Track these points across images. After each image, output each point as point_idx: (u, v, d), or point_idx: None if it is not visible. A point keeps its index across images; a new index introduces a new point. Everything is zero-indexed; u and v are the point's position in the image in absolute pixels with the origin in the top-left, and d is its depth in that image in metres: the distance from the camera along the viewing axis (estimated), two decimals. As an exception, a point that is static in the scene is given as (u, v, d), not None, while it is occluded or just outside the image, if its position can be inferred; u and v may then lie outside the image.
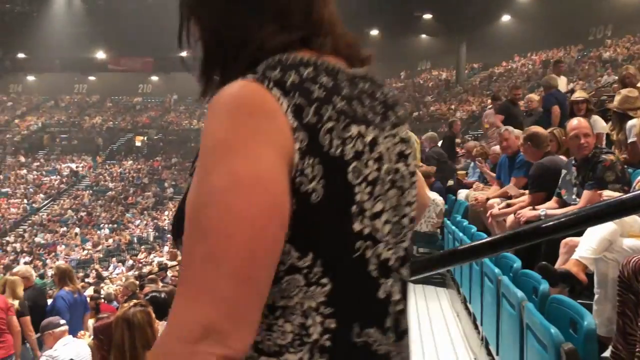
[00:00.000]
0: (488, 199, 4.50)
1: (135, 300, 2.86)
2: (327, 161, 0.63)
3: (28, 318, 4.94)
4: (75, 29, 30.09)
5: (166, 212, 23.82)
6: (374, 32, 29.87)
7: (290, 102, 0.63)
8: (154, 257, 19.41)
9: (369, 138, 0.68)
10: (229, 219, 0.57)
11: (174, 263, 10.73)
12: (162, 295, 4.09)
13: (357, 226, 0.66)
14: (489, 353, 3.29)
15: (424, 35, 31.06)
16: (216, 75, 0.76)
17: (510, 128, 4.97)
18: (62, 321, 4.34)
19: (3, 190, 26.81)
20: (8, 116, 34.78)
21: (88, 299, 8.06)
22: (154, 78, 35.56)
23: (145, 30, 28.88)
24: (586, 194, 3.16)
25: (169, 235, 21.23)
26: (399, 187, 0.73)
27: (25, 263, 19.68)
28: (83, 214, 24.37)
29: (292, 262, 0.63)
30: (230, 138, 0.60)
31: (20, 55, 33.12)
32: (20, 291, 5.28)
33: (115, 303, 7.38)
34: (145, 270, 13.27)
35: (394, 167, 0.72)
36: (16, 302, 5.08)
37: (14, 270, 5.16)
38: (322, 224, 0.64)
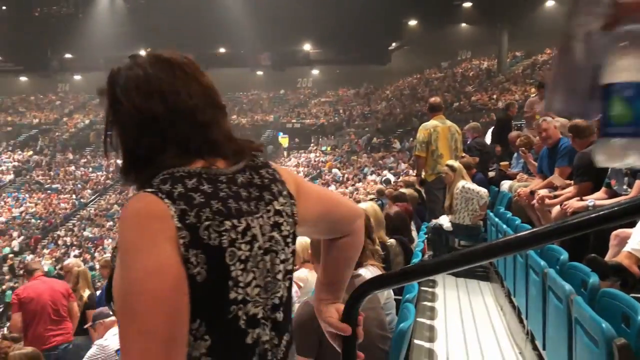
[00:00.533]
0: (532, 192, 4.37)
1: None
2: (208, 250, 0.88)
3: (92, 311, 5.14)
4: (117, 28, 30.91)
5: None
6: (413, 23, 29.49)
7: (176, 208, 0.88)
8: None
9: (241, 227, 0.94)
10: (149, 300, 0.81)
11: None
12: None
13: (232, 295, 0.92)
14: (535, 348, 3.21)
15: (464, 24, 30.44)
16: (132, 177, 0.99)
17: (549, 118, 4.79)
18: (111, 318, 4.48)
19: (54, 186, 27.89)
20: (57, 114, 36.10)
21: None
22: (193, 75, 36.21)
23: (184, 28, 29.42)
24: (638, 183, 3.03)
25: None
26: (273, 251, 0.99)
27: (75, 256, 20.49)
28: (127, 209, 25.09)
29: None
30: (138, 241, 0.86)
31: (67, 56, 34.30)
32: (90, 283, 5.54)
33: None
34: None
35: (268, 236, 0.98)
36: (86, 294, 5.27)
37: (65, 263, 5.37)
38: (205, 297, 0.88)
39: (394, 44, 30.56)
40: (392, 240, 4.08)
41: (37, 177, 28.91)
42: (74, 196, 26.75)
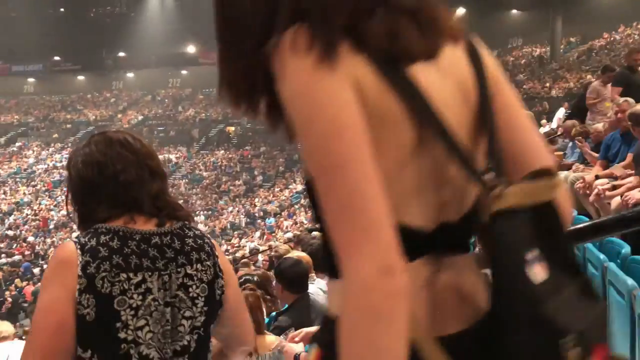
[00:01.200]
0: (597, 176, 4.13)
1: (248, 285, 3.01)
2: (98, 296, 1.12)
3: None
4: (168, 26, 31.78)
5: (256, 199, 24.64)
6: (461, 11, 28.78)
7: (82, 259, 1.13)
8: (246, 242, 20.24)
9: (136, 280, 1.15)
10: (35, 327, 1.16)
11: (265, 248, 11.14)
12: (255, 278, 4.23)
13: (122, 335, 1.13)
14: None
15: (514, 11, 29.47)
16: (80, 228, 1.27)
17: (631, 100, 4.53)
18: None
19: (109, 180, 29.04)
20: (112, 111, 37.49)
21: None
22: (242, 69, 36.72)
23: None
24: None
25: (259, 221, 21.99)
26: (175, 306, 1.20)
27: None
28: (181, 201, 25.71)
29: (79, 355, 1.14)
30: (46, 279, 1.20)
31: (121, 54, 35.51)
32: None
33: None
34: (239, 254, 13.85)
35: (173, 293, 1.19)
36: None
37: None
38: (95, 333, 1.13)
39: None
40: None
41: (95, 172, 30.19)
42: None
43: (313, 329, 2.92)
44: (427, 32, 0.69)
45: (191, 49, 34.72)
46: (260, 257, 10.99)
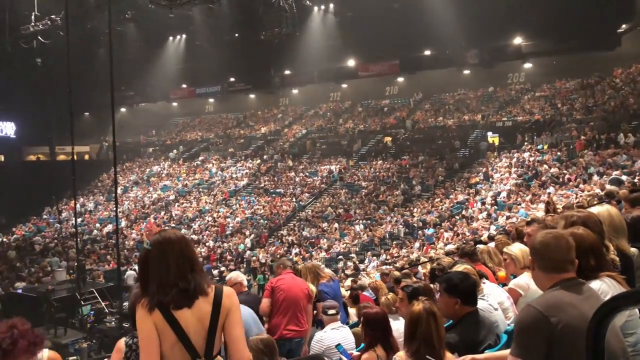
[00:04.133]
0: None
1: (422, 297, 2.98)
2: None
3: (320, 304, 5.61)
4: (329, 42, 33.03)
5: (415, 209, 24.33)
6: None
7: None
8: (406, 252, 20.06)
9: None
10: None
11: (425, 259, 10.87)
12: (420, 288, 4.13)
13: None
14: None
15: None
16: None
17: None
18: (333, 310, 4.76)
19: (277, 190, 31.02)
20: (279, 126, 40.14)
21: (344, 289, 8.65)
22: (400, 79, 36.71)
23: (390, 35, 30.05)
24: None
25: (419, 232, 21.65)
26: None
27: (296, 254, 22.43)
28: (341, 210, 26.56)
29: None
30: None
31: (287, 72, 37.87)
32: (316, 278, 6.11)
33: (367, 292, 7.74)
34: (398, 264, 13.76)
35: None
36: (314, 287, 5.79)
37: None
38: None
39: (624, 26, 26.67)
40: (634, 250, 3.52)
41: (264, 183, 32.49)
42: (293, 199, 29.35)
43: (481, 357, 2.74)
44: (187, 295, 2.20)
45: (351, 62, 35.72)
46: (420, 268, 10.76)
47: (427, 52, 32.84)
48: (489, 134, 29.06)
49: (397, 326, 4.14)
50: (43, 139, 37.94)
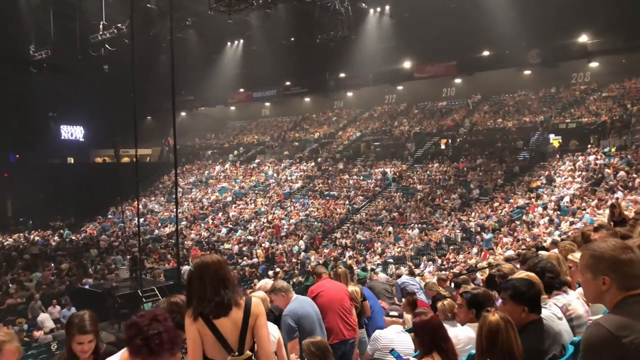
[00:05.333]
0: None
1: (491, 308, 2.92)
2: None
3: (367, 302, 5.67)
4: (384, 44, 32.83)
5: (472, 214, 23.74)
6: None
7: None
8: (463, 258, 19.60)
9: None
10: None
11: (484, 265, 10.52)
12: (480, 295, 4.00)
13: None
14: None
15: None
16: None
17: None
18: (394, 312, 4.73)
19: (331, 193, 31.09)
20: (333, 129, 40.25)
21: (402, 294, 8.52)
22: (457, 81, 35.98)
23: (447, 36, 29.53)
24: None
25: (477, 237, 21.10)
26: None
27: (349, 257, 22.38)
28: (395, 214, 26.28)
29: None
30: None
31: (342, 75, 37.96)
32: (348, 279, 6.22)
33: (423, 297, 7.62)
34: (455, 270, 13.45)
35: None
36: (358, 288, 5.82)
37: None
38: None
39: (700, 21, 25.04)
40: None
41: (318, 185, 32.65)
42: (347, 202, 29.33)
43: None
44: (223, 307, 2.83)
45: (406, 64, 35.35)
46: (478, 275, 10.47)
47: (486, 53, 32.01)
48: (551, 136, 27.97)
49: (455, 333, 4.04)
50: (109, 142, 39.79)
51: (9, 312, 16.87)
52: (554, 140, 27.58)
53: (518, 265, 5.59)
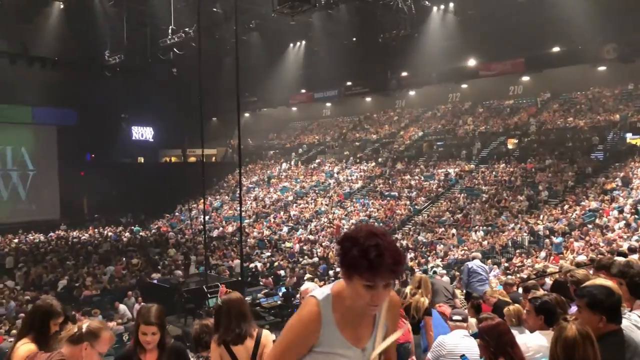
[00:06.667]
0: None
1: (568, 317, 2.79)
2: None
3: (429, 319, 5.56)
4: (448, 42, 32.13)
5: (541, 217, 22.79)
6: None
7: None
8: (530, 262, 18.85)
9: None
10: None
11: (555, 270, 10.08)
12: (551, 301, 3.82)
13: None
14: None
15: None
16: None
17: None
18: (458, 316, 4.62)
19: (392, 193, 30.78)
20: (394, 129, 39.84)
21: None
22: (525, 78, 34.63)
23: (514, 32, 28.50)
24: None
25: (546, 240, 20.23)
26: None
27: (411, 259, 22.06)
28: (459, 215, 25.65)
29: None
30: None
31: (404, 74, 37.49)
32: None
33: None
34: (523, 275, 12.96)
35: None
36: (426, 300, 5.71)
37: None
38: None
39: None
40: None
41: (379, 186, 32.41)
42: (408, 203, 28.93)
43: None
44: (240, 337, 3.51)
45: (471, 62, 34.43)
46: (547, 280, 10.01)
47: (556, 49, 30.58)
48: (629, 135, 26.36)
49: (524, 340, 3.88)
50: (176, 142, 41.34)
51: (85, 304, 17.88)
52: (632, 140, 25.98)
53: (591, 272, 5.30)
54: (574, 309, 3.86)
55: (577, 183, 24.57)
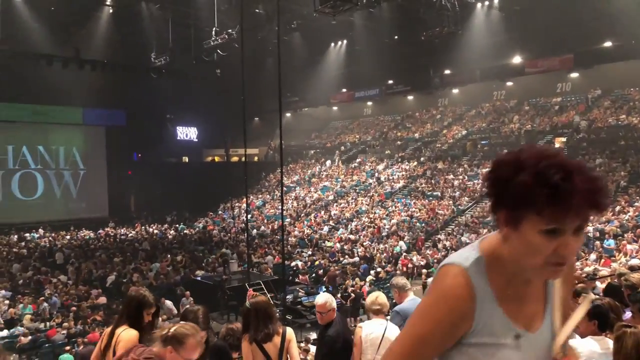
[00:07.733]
0: None
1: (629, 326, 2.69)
2: None
3: None
4: (492, 39, 31.38)
5: (591, 218, 21.92)
6: None
7: None
8: (579, 265, 18.21)
9: None
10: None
11: (605, 273, 9.73)
12: (604, 306, 3.67)
13: None
14: None
15: None
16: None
17: None
18: None
19: (434, 193, 30.34)
20: (437, 127, 39.25)
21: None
22: (573, 75, 33.45)
23: (562, 27, 27.58)
24: None
25: (597, 242, 19.51)
26: None
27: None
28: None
29: None
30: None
31: (447, 72, 36.90)
32: None
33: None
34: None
35: None
36: None
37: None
38: None
39: None
40: None
41: (421, 185, 32.01)
42: (451, 203, 28.44)
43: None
44: (269, 335, 4.06)
45: (517, 59, 33.54)
46: (598, 283, 9.63)
47: (608, 44, 29.40)
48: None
49: (575, 345, 3.73)
50: (219, 142, 42.07)
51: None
52: (690, 138, 24.74)
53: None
54: (628, 314, 3.70)
55: (630, 183, 23.57)
